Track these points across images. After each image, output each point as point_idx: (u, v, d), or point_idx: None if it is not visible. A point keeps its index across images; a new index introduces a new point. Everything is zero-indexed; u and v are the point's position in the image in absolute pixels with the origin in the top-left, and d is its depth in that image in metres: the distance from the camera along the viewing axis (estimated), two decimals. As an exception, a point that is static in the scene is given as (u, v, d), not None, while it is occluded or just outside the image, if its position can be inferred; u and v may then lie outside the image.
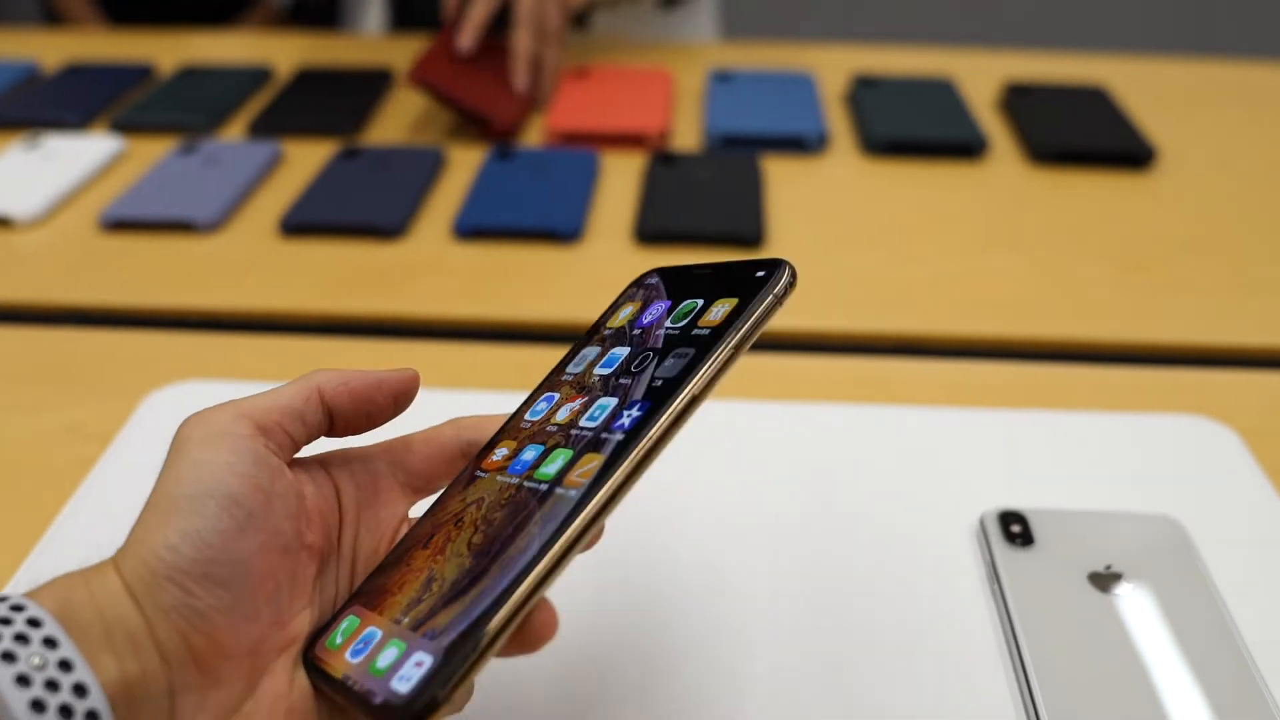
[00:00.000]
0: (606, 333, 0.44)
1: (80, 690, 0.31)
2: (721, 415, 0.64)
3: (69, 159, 0.97)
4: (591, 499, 0.36)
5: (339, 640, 0.38)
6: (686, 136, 1.05)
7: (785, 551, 0.55)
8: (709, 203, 0.90)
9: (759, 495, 0.59)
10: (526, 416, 0.43)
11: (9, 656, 0.31)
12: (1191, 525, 0.55)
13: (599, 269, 0.83)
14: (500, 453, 0.42)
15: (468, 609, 0.35)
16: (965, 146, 1.00)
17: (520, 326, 0.76)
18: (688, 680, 0.48)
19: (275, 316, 0.77)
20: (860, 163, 1.00)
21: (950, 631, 0.50)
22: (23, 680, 0.31)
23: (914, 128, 1.03)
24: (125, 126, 1.06)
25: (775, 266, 0.42)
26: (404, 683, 0.34)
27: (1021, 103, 1.09)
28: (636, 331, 0.43)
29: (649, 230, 0.85)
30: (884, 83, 1.14)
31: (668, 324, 0.42)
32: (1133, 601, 0.50)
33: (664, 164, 0.96)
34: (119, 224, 0.88)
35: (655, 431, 0.37)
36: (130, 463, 0.61)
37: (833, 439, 0.63)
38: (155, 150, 1.00)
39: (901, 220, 0.90)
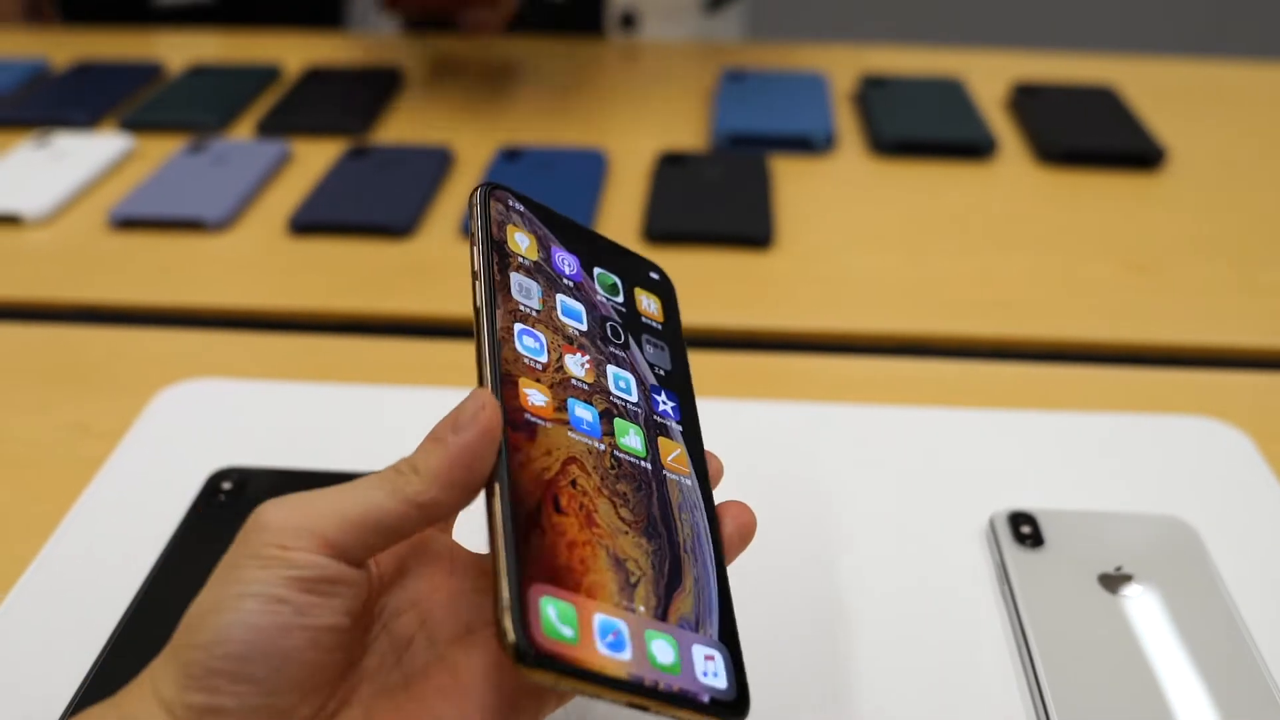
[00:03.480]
0: (524, 261, 0.41)
1: None
2: (729, 415, 0.64)
3: (78, 157, 0.97)
4: (708, 492, 0.41)
5: (565, 631, 0.33)
6: (695, 136, 1.05)
7: (793, 552, 0.55)
8: (717, 203, 0.90)
9: (766, 495, 0.59)
10: (522, 353, 0.39)
11: None
12: (1202, 527, 0.55)
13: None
14: (536, 396, 0.38)
15: (703, 595, 0.37)
16: (973, 147, 1.00)
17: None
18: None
19: (284, 315, 0.77)
20: (869, 163, 1.00)
21: (960, 632, 0.50)
22: None
23: (922, 128, 1.03)
24: (134, 125, 1.06)
25: (666, 281, 0.47)
26: (717, 679, 0.35)
27: (1030, 103, 1.09)
28: (568, 281, 0.42)
29: (658, 230, 0.85)
30: (892, 83, 1.14)
31: (604, 295, 0.43)
32: (1142, 603, 0.50)
33: (672, 164, 0.96)
34: (128, 222, 0.88)
35: (696, 426, 0.42)
36: (139, 462, 0.61)
37: (841, 439, 0.63)
38: (164, 149, 1.00)
39: (910, 220, 0.90)
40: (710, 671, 0.35)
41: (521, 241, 0.41)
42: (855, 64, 1.21)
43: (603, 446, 0.38)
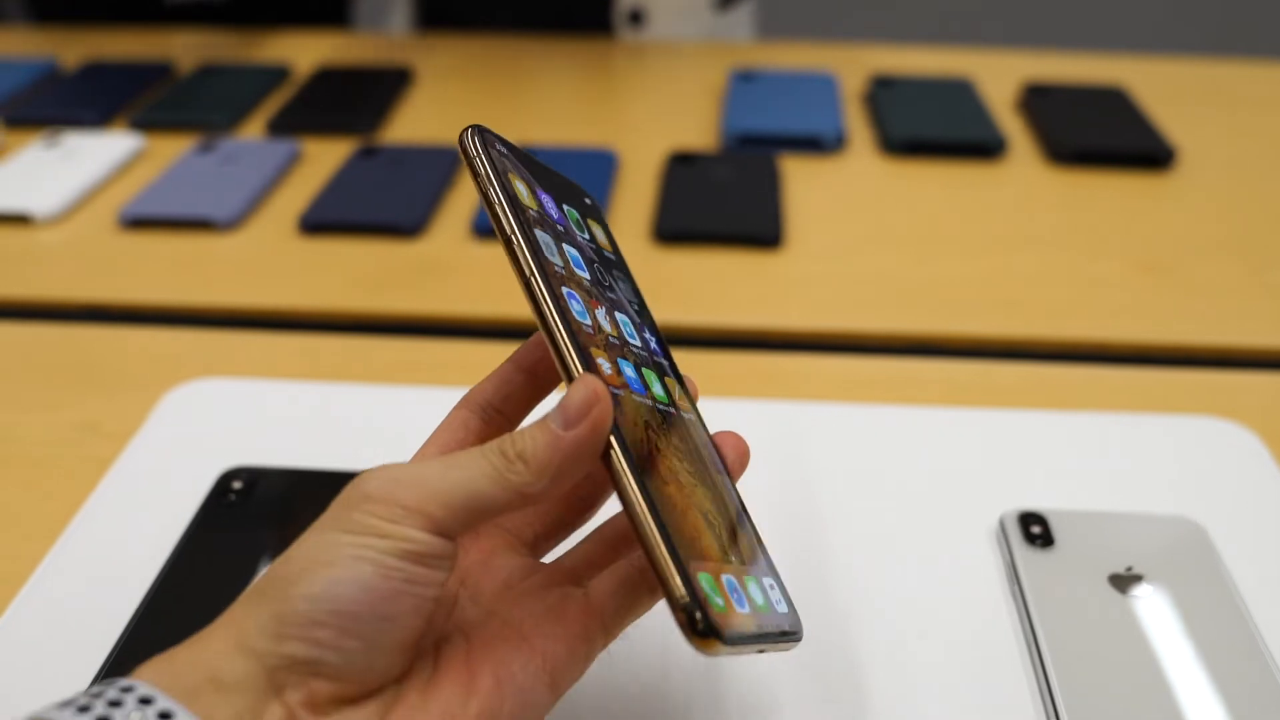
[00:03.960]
0: (531, 214, 0.40)
1: None
2: (739, 415, 0.64)
3: (88, 157, 0.97)
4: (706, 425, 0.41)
5: (718, 601, 0.34)
6: (705, 136, 1.05)
7: (803, 551, 0.55)
8: (727, 203, 0.89)
9: (775, 496, 0.59)
10: (576, 318, 0.38)
11: None
12: (1212, 527, 0.55)
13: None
14: (604, 364, 0.37)
15: (745, 529, 0.39)
16: (984, 147, 1.00)
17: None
18: (701, 684, 0.48)
19: (293, 315, 0.77)
20: (879, 163, 1.00)
21: (970, 632, 0.50)
22: None
23: (932, 128, 1.03)
24: (144, 125, 1.06)
25: (595, 202, 0.45)
26: (782, 605, 0.38)
27: (1040, 103, 1.09)
28: (559, 227, 0.41)
29: (668, 230, 0.85)
30: (902, 83, 1.14)
31: (577, 232, 0.42)
32: (1153, 603, 0.50)
33: (682, 164, 0.96)
34: (138, 222, 0.88)
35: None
36: (149, 461, 0.61)
37: (851, 439, 0.63)
38: (174, 148, 1.00)
39: (920, 220, 0.90)
40: (777, 600, 0.37)
41: (522, 190, 0.39)
42: (865, 64, 1.21)
43: (650, 402, 0.38)
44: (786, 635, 0.36)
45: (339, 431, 0.63)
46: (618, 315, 0.40)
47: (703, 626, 0.32)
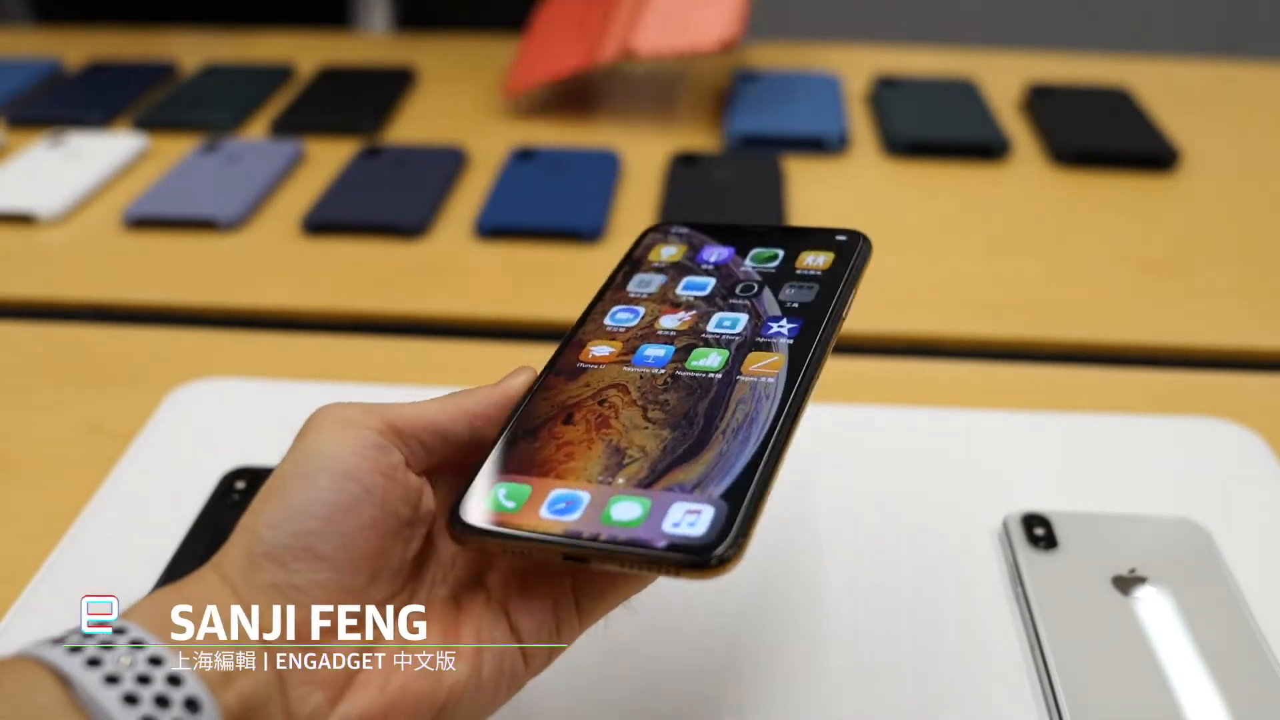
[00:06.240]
0: (657, 264, 0.48)
1: (175, 680, 0.31)
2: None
3: (92, 157, 0.97)
4: (796, 382, 0.41)
5: (508, 504, 0.37)
6: (708, 137, 1.05)
7: (807, 552, 0.55)
8: (730, 204, 0.89)
9: (780, 496, 0.58)
10: (606, 324, 0.45)
11: (113, 679, 0.31)
12: (1215, 529, 0.54)
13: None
14: (601, 349, 0.44)
15: (723, 464, 0.37)
16: (987, 147, 1.00)
17: (543, 326, 0.76)
18: (705, 685, 0.48)
19: (297, 315, 0.78)
20: (882, 164, 1.00)
21: (973, 634, 0.50)
22: (112, 679, 0.31)
23: (936, 128, 1.03)
24: (148, 125, 1.06)
25: (855, 236, 0.48)
26: (691, 528, 0.35)
27: (1043, 104, 1.08)
28: (708, 265, 0.48)
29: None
30: (906, 83, 1.14)
31: (750, 264, 0.47)
32: (1156, 605, 0.50)
33: (685, 164, 0.96)
34: (142, 222, 0.88)
35: (825, 337, 0.43)
36: (153, 461, 0.61)
37: (854, 441, 0.63)
38: (178, 148, 1.00)
39: (923, 221, 0.90)
40: (686, 523, 0.35)
41: (666, 251, 0.49)
42: (868, 65, 1.21)
43: (661, 370, 0.42)
44: (639, 548, 0.35)
45: (342, 432, 0.63)
46: (719, 315, 0.45)
47: (449, 517, 0.37)
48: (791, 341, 0.43)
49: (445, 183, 0.93)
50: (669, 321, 0.45)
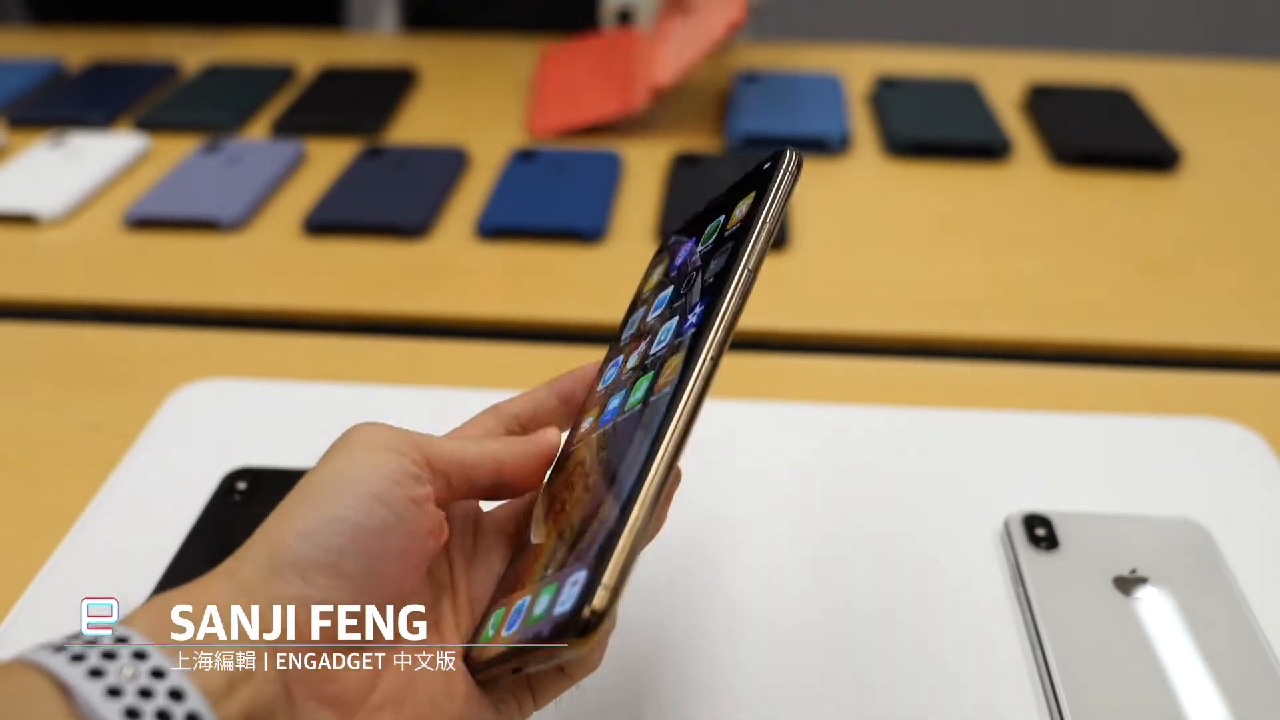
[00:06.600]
0: (645, 295, 0.45)
1: (177, 695, 0.31)
2: (743, 416, 0.64)
3: (94, 157, 0.97)
4: (688, 383, 0.35)
5: (491, 631, 0.37)
6: (710, 138, 1.05)
7: (808, 554, 0.55)
8: (731, 203, 0.89)
9: (780, 497, 0.59)
10: (598, 389, 0.43)
11: (115, 692, 0.30)
12: (1216, 529, 0.55)
13: (623, 269, 0.83)
14: (586, 423, 0.42)
15: (605, 519, 0.34)
16: (988, 148, 1.00)
17: (545, 326, 0.76)
18: (707, 685, 0.48)
19: (298, 315, 0.78)
20: (883, 164, 1.00)
21: (974, 634, 0.50)
22: (114, 692, 0.30)
23: (937, 129, 1.03)
24: (149, 125, 1.06)
25: (778, 156, 0.42)
26: (567, 603, 0.33)
27: (1045, 104, 1.08)
28: (673, 274, 0.44)
29: (673, 232, 0.85)
30: (907, 84, 1.14)
31: (699, 250, 0.43)
32: (1157, 605, 0.50)
33: (686, 165, 0.96)
34: (143, 222, 0.88)
35: (727, 303, 0.37)
36: (154, 461, 0.61)
37: (856, 441, 0.63)
38: (179, 149, 1.00)
39: (924, 222, 0.90)
40: (568, 597, 0.32)
41: (655, 275, 0.45)
42: (869, 65, 1.21)
43: (610, 425, 0.39)
44: (536, 643, 0.34)
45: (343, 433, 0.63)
46: (662, 328, 0.40)
47: (463, 656, 0.38)
48: (693, 331, 0.38)
49: (446, 183, 0.93)
50: (633, 359, 0.42)
